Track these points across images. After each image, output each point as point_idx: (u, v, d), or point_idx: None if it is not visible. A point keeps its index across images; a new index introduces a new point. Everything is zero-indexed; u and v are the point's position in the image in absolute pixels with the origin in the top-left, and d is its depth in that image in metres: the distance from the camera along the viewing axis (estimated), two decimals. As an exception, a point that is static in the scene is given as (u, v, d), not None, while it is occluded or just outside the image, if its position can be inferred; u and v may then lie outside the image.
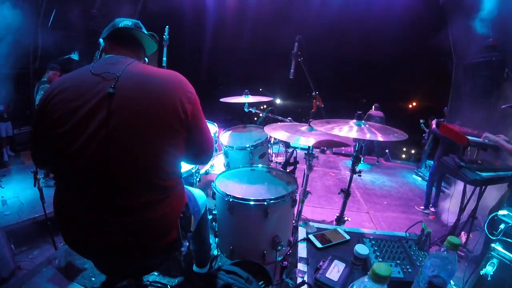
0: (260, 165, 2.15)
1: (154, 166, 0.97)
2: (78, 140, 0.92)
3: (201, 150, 1.17)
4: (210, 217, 1.82)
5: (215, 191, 1.77)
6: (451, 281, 0.96)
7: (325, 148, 7.41)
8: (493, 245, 1.63)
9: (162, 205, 1.02)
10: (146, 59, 1.22)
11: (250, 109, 2.88)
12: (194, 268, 1.82)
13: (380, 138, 1.66)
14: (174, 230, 1.10)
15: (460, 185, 2.81)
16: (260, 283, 1.45)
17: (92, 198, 0.94)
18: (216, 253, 1.97)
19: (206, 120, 1.16)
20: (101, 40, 1.12)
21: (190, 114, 1.02)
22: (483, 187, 2.59)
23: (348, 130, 1.73)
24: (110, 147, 0.91)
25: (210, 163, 2.82)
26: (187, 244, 1.23)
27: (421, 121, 6.79)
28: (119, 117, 0.92)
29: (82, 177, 0.94)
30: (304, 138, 1.90)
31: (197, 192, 1.52)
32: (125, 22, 1.10)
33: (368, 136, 1.66)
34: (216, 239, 1.91)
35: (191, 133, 1.05)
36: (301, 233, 1.47)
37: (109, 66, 0.99)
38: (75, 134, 0.92)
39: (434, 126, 5.41)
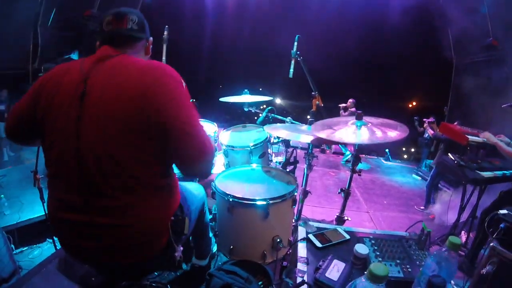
0: (260, 165, 2.15)
1: (133, 172, 0.92)
2: (57, 143, 0.93)
3: (191, 156, 0.95)
4: (210, 216, 1.82)
5: (215, 190, 1.77)
6: (451, 281, 0.96)
7: (325, 148, 7.40)
8: (493, 244, 1.63)
9: (146, 208, 0.98)
10: (150, 38, 1.14)
11: (250, 109, 2.88)
12: (194, 260, 1.82)
13: (379, 135, 1.66)
14: (165, 234, 1.06)
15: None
16: (259, 283, 1.44)
17: (73, 200, 0.93)
18: (215, 250, 1.97)
19: (198, 119, 0.99)
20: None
21: (164, 113, 0.90)
22: (483, 186, 2.59)
23: (349, 131, 1.73)
24: (81, 150, 0.90)
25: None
26: (181, 249, 1.19)
27: (415, 118, 6.75)
28: (88, 119, 0.90)
29: (62, 179, 0.94)
30: (304, 136, 1.90)
31: (194, 187, 1.49)
32: (108, 18, 1.04)
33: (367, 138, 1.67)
34: (216, 238, 1.91)
35: (172, 136, 0.92)
36: (301, 232, 1.47)
37: (93, 63, 0.96)
38: (55, 136, 0.93)
39: (431, 131, 5.40)
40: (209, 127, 2.68)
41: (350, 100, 6.83)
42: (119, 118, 0.89)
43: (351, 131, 1.75)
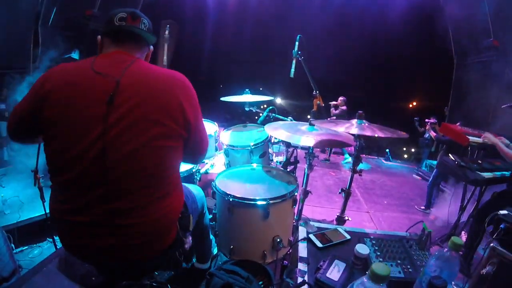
0: (260, 165, 2.15)
1: (153, 171, 0.97)
2: (75, 146, 0.90)
3: (198, 151, 1.16)
4: (210, 216, 1.82)
5: (215, 190, 1.77)
6: (452, 281, 0.96)
7: (325, 148, 7.39)
8: (493, 244, 1.63)
9: (161, 206, 1.01)
10: (151, 46, 1.17)
11: (251, 108, 2.88)
12: (196, 264, 1.82)
13: (379, 134, 1.67)
14: (174, 230, 1.10)
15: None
16: (260, 283, 1.44)
17: (88, 203, 0.93)
18: (216, 252, 1.97)
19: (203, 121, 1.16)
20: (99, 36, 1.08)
21: (192, 118, 1.02)
22: (484, 187, 2.59)
23: (349, 128, 1.74)
24: (108, 155, 0.90)
25: (210, 162, 2.82)
26: (189, 241, 1.22)
27: (415, 119, 6.75)
28: (119, 124, 0.90)
29: (79, 183, 0.92)
30: (304, 137, 1.90)
31: (194, 188, 1.52)
32: (121, 14, 1.03)
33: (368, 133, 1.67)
34: (216, 238, 1.91)
35: (191, 136, 1.05)
36: (302, 232, 1.47)
37: (111, 65, 0.95)
38: (72, 138, 0.90)
39: (434, 134, 5.41)
40: (209, 127, 2.68)
41: (341, 98, 6.72)
42: (150, 123, 0.93)
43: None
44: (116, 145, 0.90)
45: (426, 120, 5.77)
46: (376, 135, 1.70)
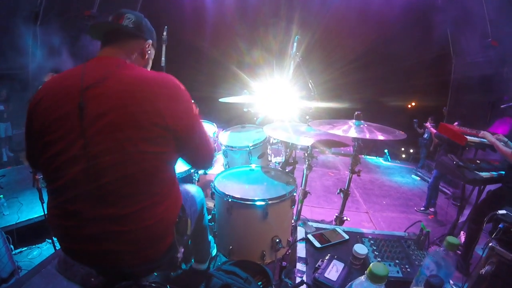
0: (259, 165, 2.15)
1: (140, 177, 0.93)
2: (63, 153, 0.90)
3: (198, 159, 1.13)
4: (209, 217, 1.82)
5: (214, 191, 1.77)
6: (450, 281, 0.96)
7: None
8: (491, 244, 1.64)
9: (155, 213, 0.99)
10: (149, 40, 1.13)
11: (249, 109, 2.88)
12: (194, 265, 1.82)
13: (380, 137, 1.67)
14: (169, 236, 1.07)
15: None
16: (259, 283, 1.45)
17: (80, 208, 0.92)
18: (215, 253, 1.97)
19: (202, 125, 1.09)
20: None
21: (174, 123, 0.95)
22: (482, 187, 2.59)
23: (347, 129, 1.75)
24: (91, 164, 0.88)
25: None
26: (183, 250, 1.19)
27: (414, 120, 6.78)
28: (97, 133, 0.88)
29: (69, 189, 0.92)
30: (303, 137, 1.90)
31: (193, 189, 1.51)
32: (110, 17, 1.07)
33: (367, 136, 1.68)
34: (215, 239, 1.91)
35: (181, 142, 0.99)
36: (300, 233, 1.48)
37: (89, 72, 0.94)
38: (60, 146, 0.90)
39: (434, 130, 5.44)
40: (208, 128, 2.69)
41: None
42: (129, 129, 0.89)
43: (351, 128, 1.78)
44: (99, 155, 0.88)
45: (425, 124, 5.80)
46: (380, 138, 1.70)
